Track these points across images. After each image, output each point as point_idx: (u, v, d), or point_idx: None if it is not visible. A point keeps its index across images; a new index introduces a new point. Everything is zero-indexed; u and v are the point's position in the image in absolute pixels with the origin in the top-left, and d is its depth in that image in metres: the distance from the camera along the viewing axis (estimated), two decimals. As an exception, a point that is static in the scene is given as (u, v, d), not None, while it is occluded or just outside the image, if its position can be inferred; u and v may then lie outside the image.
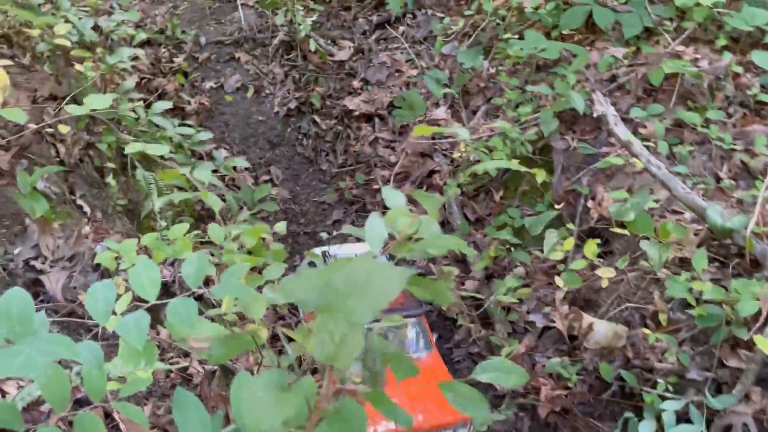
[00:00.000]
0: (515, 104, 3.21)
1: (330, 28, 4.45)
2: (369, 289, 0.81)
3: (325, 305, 0.81)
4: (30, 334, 0.91)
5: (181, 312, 0.98)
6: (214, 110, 4.02)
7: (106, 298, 1.01)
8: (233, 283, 1.05)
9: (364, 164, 3.75)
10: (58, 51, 2.29)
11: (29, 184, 1.69)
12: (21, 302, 0.94)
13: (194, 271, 1.05)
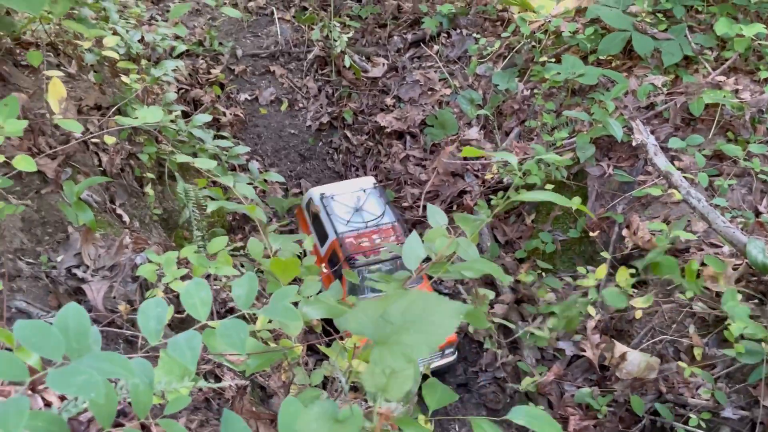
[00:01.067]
0: (550, 128, 3.19)
1: (365, 45, 4.48)
2: (425, 324, 0.81)
3: (381, 338, 0.81)
4: (87, 351, 0.92)
5: (232, 334, 0.99)
6: (248, 122, 4.07)
7: (157, 316, 1.02)
8: (283, 307, 1.05)
9: (393, 181, 3.76)
10: (105, 62, 2.33)
11: (75, 194, 1.72)
12: (77, 317, 0.95)
13: (245, 293, 1.06)
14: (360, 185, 3.12)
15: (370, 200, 3.04)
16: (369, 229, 2.90)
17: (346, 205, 3.01)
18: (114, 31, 2.42)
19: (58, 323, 0.95)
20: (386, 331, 0.82)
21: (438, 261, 1.59)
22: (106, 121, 2.23)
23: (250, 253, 1.82)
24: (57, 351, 0.88)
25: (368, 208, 3.01)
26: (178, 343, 0.98)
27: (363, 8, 4.62)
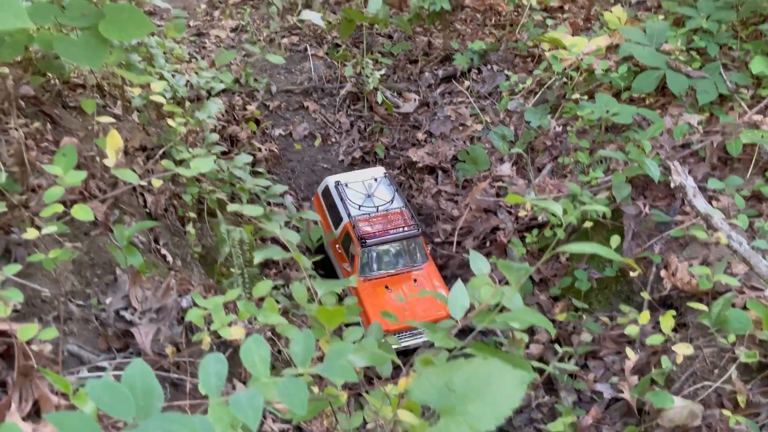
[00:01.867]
0: (585, 166, 3.20)
1: (396, 81, 4.55)
2: (490, 394, 0.82)
3: (446, 408, 0.82)
4: (152, 409, 0.95)
5: (293, 394, 1.00)
6: (282, 156, 4.13)
7: (218, 372, 1.05)
8: (340, 365, 1.07)
9: (425, 216, 3.78)
10: (151, 104, 2.41)
11: (126, 238, 1.77)
12: (144, 375, 0.98)
13: (302, 351, 1.08)
14: (372, 174, 3.43)
15: (381, 187, 3.34)
16: (379, 213, 3.17)
17: (358, 192, 3.29)
18: (161, 75, 2.50)
19: (126, 382, 0.98)
20: (450, 400, 0.83)
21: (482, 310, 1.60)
22: (153, 163, 2.29)
23: (295, 299, 1.85)
24: (128, 412, 0.91)
25: (379, 194, 3.29)
26: (240, 402, 1.00)
27: (395, 45, 4.70)
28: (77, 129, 2.50)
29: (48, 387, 1.45)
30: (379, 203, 3.22)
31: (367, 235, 3.01)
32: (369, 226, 3.07)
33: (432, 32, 4.87)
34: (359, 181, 3.36)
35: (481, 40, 4.61)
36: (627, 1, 4.76)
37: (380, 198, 3.26)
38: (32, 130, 2.17)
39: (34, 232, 1.54)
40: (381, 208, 3.19)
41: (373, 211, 3.16)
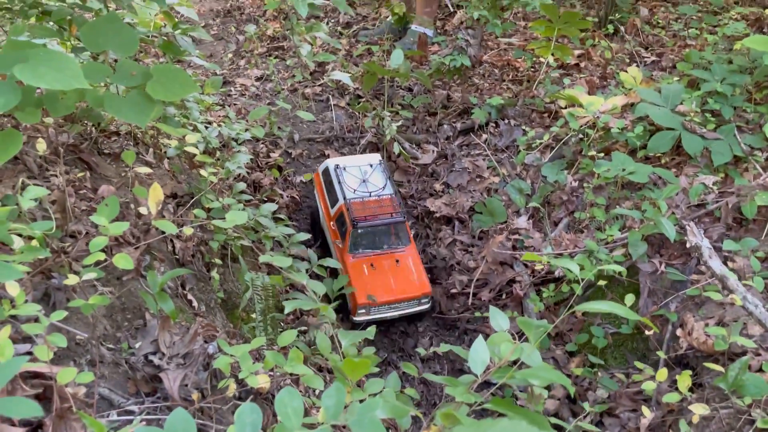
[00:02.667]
0: (601, 223, 3.25)
1: (415, 132, 4.66)
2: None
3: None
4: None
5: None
6: (302, 203, 4.23)
7: (253, 422, 1.10)
8: (369, 420, 1.11)
9: (440, 268, 3.83)
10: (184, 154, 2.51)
11: (159, 285, 1.84)
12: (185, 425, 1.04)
13: (333, 405, 1.13)
14: (368, 160, 3.76)
15: (375, 173, 3.68)
16: (372, 198, 3.52)
17: (354, 176, 3.64)
18: (195, 127, 2.62)
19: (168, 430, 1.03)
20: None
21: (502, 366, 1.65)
22: (185, 212, 2.38)
23: (319, 349, 1.90)
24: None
25: (373, 180, 3.65)
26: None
27: (415, 98, 4.84)
28: (112, 176, 2.61)
29: (82, 429, 1.50)
30: (373, 189, 3.60)
31: (359, 218, 3.40)
32: (361, 210, 3.46)
33: (451, 86, 5.01)
34: (356, 166, 3.72)
35: (499, 95, 4.73)
36: (642, 61, 4.89)
37: (374, 184, 3.64)
38: (72, 177, 2.28)
39: (75, 278, 1.61)
40: (374, 193, 3.57)
41: (366, 196, 3.53)
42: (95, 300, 1.59)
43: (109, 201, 1.72)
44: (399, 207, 3.53)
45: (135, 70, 1.74)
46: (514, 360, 1.69)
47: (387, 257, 3.46)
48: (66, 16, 1.98)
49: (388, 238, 3.52)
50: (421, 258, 3.63)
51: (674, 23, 5.36)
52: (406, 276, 3.40)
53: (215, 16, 6.81)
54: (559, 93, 4.22)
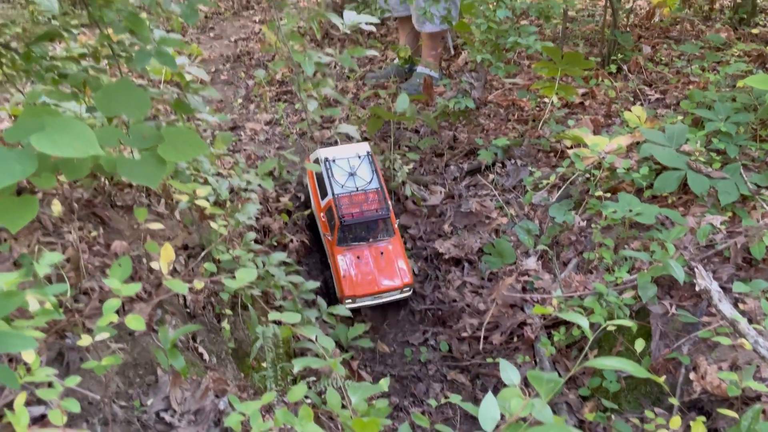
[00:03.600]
0: (610, 264, 3.25)
1: (423, 173, 4.71)
2: None
3: None
4: None
5: None
6: (311, 247, 4.25)
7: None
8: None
9: (449, 312, 3.82)
10: (194, 206, 2.56)
11: (171, 342, 1.86)
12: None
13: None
14: (357, 151, 3.94)
15: (363, 166, 3.83)
16: (359, 192, 3.72)
17: (343, 169, 3.80)
18: (205, 180, 2.68)
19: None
20: None
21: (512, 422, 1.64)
22: (195, 264, 2.42)
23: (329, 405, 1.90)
24: None
25: (360, 173, 3.81)
26: None
27: (421, 140, 4.89)
28: (125, 229, 2.65)
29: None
30: (360, 183, 3.77)
31: (346, 216, 3.61)
32: (348, 206, 3.66)
33: (457, 127, 5.07)
34: (345, 158, 3.89)
35: (505, 135, 4.78)
36: (646, 98, 4.94)
37: (361, 178, 3.80)
38: (85, 234, 2.32)
39: (88, 338, 1.64)
40: (360, 188, 3.74)
41: (353, 191, 3.72)
42: (108, 361, 1.61)
43: (122, 261, 1.75)
44: (384, 202, 3.74)
45: (147, 133, 1.79)
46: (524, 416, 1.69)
47: (373, 249, 3.71)
48: (81, 79, 2.05)
49: (375, 232, 3.75)
50: (405, 246, 4.02)
51: (677, 60, 5.43)
52: (390, 267, 3.67)
53: (225, 61, 6.96)
54: (564, 133, 4.26)
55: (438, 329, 3.81)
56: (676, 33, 6.18)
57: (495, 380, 3.42)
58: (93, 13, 1.86)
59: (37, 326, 1.48)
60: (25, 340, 1.19)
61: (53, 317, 1.52)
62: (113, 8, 1.87)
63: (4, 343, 1.17)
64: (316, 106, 2.23)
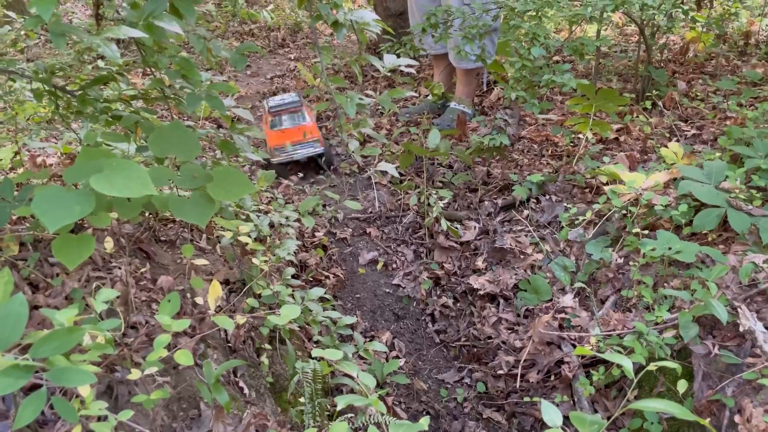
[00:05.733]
0: (650, 303, 3.20)
1: (457, 209, 4.73)
2: None
3: None
4: None
5: None
6: (347, 281, 4.29)
7: None
8: None
9: (486, 349, 3.79)
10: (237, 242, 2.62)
11: (214, 377, 1.90)
12: None
13: None
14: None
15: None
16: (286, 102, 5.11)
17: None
18: (247, 217, 2.75)
19: None
20: None
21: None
22: (238, 300, 2.47)
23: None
24: None
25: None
26: None
27: (455, 175, 4.93)
28: (169, 264, 2.73)
29: None
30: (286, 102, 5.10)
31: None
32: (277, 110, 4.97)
33: (490, 162, 5.10)
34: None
35: (539, 170, 4.79)
36: (682, 134, 4.91)
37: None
38: (133, 268, 2.40)
39: (138, 372, 1.68)
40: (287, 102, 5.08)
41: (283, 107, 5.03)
42: (157, 395, 1.65)
43: (171, 297, 1.81)
44: (301, 104, 5.04)
45: (197, 173, 1.86)
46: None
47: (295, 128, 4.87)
48: (134, 121, 2.15)
49: (296, 119, 4.98)
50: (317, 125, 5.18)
51: (713, 96, 5.39)
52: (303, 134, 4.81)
53: (261, 97, 7.14)
54: (600, 169, 4.25)
55: (473, 366, 3.78)
56: (711, 68, 6.15)
57: (532, 419, 3.37)
58: (147, 58, 1.96)
59: (90, 360, 1.53)
60: (85, 375, 1.24)
61: (106, 351, 1.57)
62: (166, 54, 1.97)
63: (65, 378, 1.22)
64: (357, 145, 2.28)
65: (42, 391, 1.21)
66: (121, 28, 1.55)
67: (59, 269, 2.21)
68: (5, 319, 1.24)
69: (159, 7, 1.74)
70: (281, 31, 10.00)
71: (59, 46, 1.48)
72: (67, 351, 1.27)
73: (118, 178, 1.59)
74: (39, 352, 1.22)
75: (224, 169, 1.86)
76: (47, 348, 1.23)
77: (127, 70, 2.29)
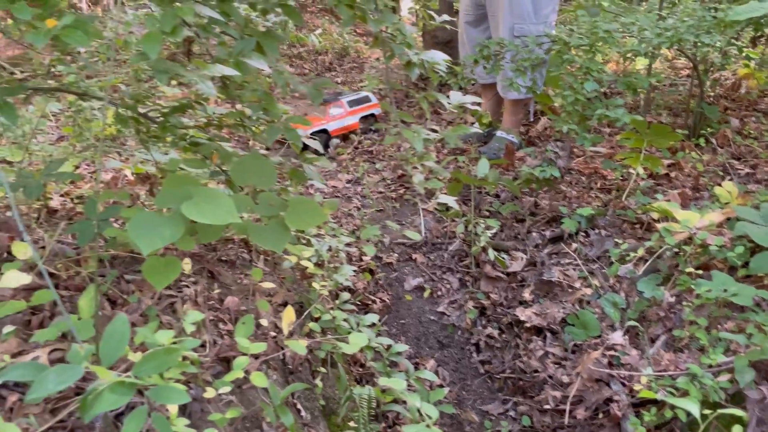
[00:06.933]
0: (702, 343, 3.17)
1: (504, 239, 4.75)
2: None
3: None
4: None
5: None
6: (392, 307, 4.34)
7: None
8: None
9: (532, 383, 3.78)
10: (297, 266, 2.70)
11: (280, 399, 1.96)
12: None
13: None
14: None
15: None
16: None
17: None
18: (308, 241, 2.83)
19: None
20: None
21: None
22: (298, 323, 2.54)
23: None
24: None
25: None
26: None
27: (502, 205, 4.96)
28: (231, 284, 2.82)
29: None
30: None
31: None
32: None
33: (538, 193, 5.11)
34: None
35: (588, 203, 4.79)
36: (735, 173, 4.86)
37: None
38: (201, 287, 2.50)
39: (212, 391, 1.76)
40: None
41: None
42: (231, 413, 1.72)
43: (246, 320, 1.88)
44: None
45: (274, 202, 1.95)
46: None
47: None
48: (212, 149, 2.26)
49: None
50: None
51: (766, 134, 5.33)
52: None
53: (310, 121, 7.29)
54: (651, 205, 4.23)
55: (518, 398, 3.77)
56: (764, 106, 6.08)
57: (579, 457, 3.34)
58: (231, 92, 2.07)
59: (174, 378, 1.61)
60: (180, 394, 1.31)
61: (188, 370, 1.65)
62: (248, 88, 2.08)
63: (164, 397, 1.30)
64: (421, 178, 2.35)
65: (143, 409, 1.28)
66: (216, 66, 1.65)
67: (134, 286, 2.32)
68: (110, 337, 1.33)
69: (248, 46, 1.85)
70: (328, 54, 10.22)
71: (161, 82, 1.59)
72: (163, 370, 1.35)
73: (207, 205, 1.68)
74: (140, 370, 1.30)
75: (299, 199, 1.94)
76: (148, 367, 1.31)
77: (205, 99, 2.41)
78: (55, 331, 1.81)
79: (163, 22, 1.57)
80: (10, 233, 2.37)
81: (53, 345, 1.94)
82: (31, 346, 1.95)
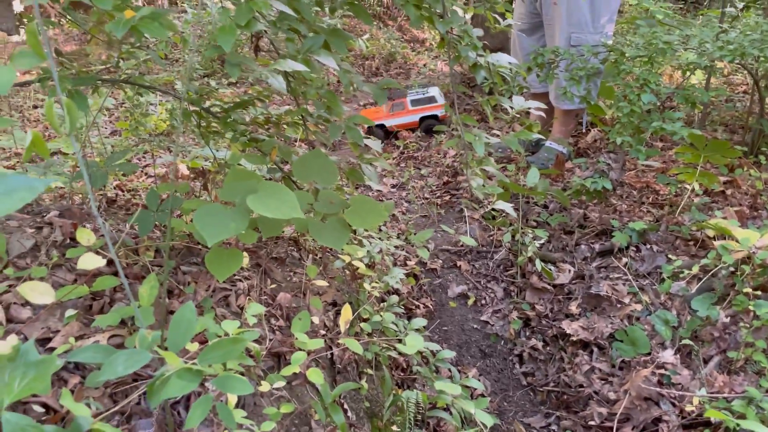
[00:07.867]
0: (761, 367, 3.05)
1: (551, 250, 4.67)
2: None
3: None
4: None
5: None
6: (435, 313, 4.31)
7: None
8: None
9: (576, 397, 3.70)
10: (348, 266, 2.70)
11: (332, 397, 1.95)
12: None
13: None
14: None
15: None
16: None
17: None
18: (359, 241, 2.83)
19: None
20: None
21: None
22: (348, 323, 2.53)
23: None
24: None
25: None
26: None
27: (551, 216, 4.88)
28: (281, 281, 2.84)
29: None
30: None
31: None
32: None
33: (588, 206, 5.02)
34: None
35: (639, 218, 4.68)
36: (797, 193, 4.68)
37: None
38: (254, 282, 2.51)
39: (267, 385, 1.76)
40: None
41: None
42: (285, 408, 1.72)
43: (302, 315, 1.89)
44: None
45: (334, 200, 1.95)
46: None
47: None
48: (272, 145, 2.28)
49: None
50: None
51: (831, 154, 5.12)
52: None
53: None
54: (707, 222, 4.11)
55: (562, 413, 3.69)
56: (828, 125, 5.84)
57: (624, 476, 3.25)
58: (295, 89, 2.09)
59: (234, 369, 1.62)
60: (244, 384, 1.31)
61: (247, 363, 1.65)
62: (313, 85, 2.09)
63: (228, 386, 1.30)
64: (480, 183, 2.32)
65: (209, 396, 1.29)
66: (287, 62, 1.66)
67: (190, 278, 2.35)
68: (178, 324, 1.34)
69: (316, 43, 1.85)
70: (375, 60, 10.26)
71: (233, 75, 1.61)
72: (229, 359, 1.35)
73: (272, 200, 1.69)
74: (206, 359, 1.31)
75: (360, 197, 1.94)
76: (214, 355, 1.31)
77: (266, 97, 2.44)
78: (117, 317, 1.85)
79: (238, 14, 1.59)
80: (73, 220, 2.43)
81: (113, 331, 1.98)
82: (91, 331, 1.99)
